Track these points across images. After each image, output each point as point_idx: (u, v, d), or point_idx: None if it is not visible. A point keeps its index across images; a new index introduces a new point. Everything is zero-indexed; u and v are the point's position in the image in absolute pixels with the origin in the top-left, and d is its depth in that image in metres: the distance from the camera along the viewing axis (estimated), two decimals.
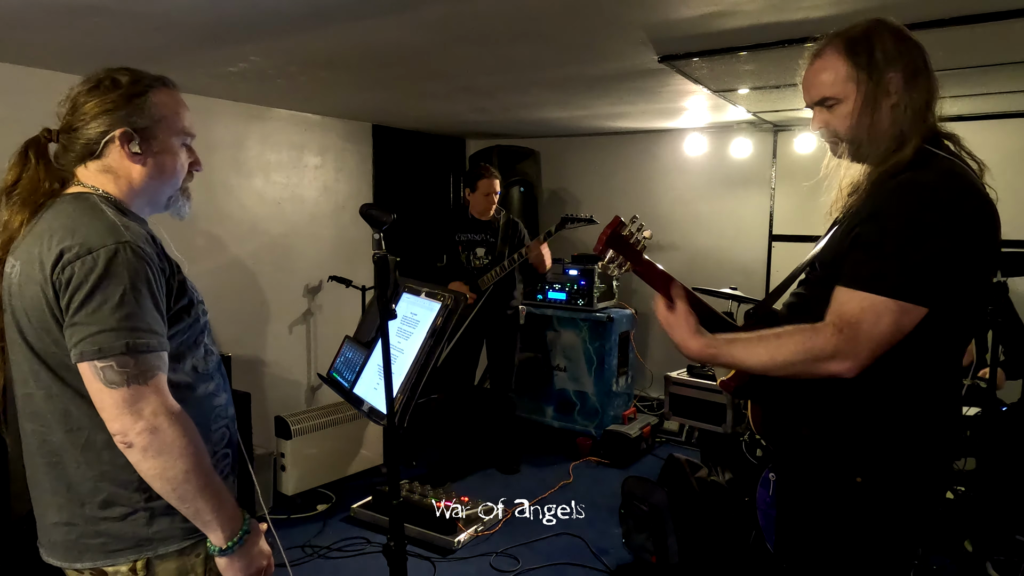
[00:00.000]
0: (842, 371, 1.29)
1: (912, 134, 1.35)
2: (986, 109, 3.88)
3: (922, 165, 1.32)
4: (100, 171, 1.31)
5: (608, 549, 3.37)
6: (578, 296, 4.76)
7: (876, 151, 1.38)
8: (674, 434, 4.93)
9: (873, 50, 1.35)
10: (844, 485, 1.40)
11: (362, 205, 1.62)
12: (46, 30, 2.42)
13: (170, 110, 1.35)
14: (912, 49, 1.37)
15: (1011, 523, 2.83)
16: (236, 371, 3.78)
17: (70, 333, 1.18)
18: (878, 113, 1.36)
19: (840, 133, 1.43)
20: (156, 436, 1.17)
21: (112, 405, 1.17)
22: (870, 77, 1.35)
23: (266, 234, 4.28)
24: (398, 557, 1.61)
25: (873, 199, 1.35)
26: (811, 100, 1.46)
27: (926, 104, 1.37)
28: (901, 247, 1.26)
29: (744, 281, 4.70)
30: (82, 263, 1.16)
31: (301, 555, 3.34)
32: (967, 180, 1.32)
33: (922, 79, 1.36)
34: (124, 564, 1.29)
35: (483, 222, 4.18)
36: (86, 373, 1.18)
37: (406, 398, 1.68)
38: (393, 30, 2.41)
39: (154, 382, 1.20)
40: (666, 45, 2.61)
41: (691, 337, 1.43)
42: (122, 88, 1.30)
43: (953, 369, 1.42)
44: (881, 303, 1.26)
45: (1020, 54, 2.64)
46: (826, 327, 1.30)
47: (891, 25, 1.39)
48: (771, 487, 2.80)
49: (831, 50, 1.40)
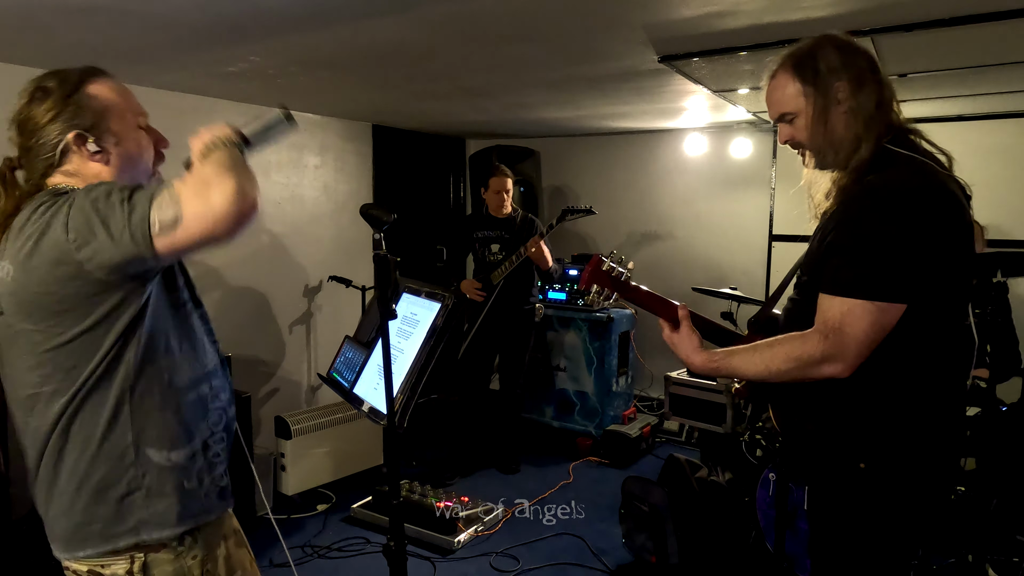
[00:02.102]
0: (835, 373, 1.38)
1: (868, 135, 1.44)
2: (986, 109, 3.88)
3: (885, 166, 1.41)
4: (66, 176, 1.31)
5: (608, 549, 3.37)
6: (578, 296, 4.76)
7: (837, 156, 1.49)
8: (674, 434, 4.94)
9: (818, 65, 1.47)
10: (849, 472, 1.46)
11: (362, 205, 1.63)
12: (46, 30, 2.42)
13: (110, 99, 1.33)
14: (856, 58, 1.47)
15: (1011, 523, 2.83)
16: (236, 371, 3.78)
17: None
18: (831, 121, 1.47)
19: (803, 143, 1.54)
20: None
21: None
22: (817, 90, 1.47)
23: (266, 234, 4.28)
24: (398, 557, 1.61)
25: (843, 205, 1.44)
26: (773, 117, 1.59)
27: (876, 105, 1.45)
28: (871, 250, 1.35)
29: (744, 281, 4.70)
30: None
31: (301, 555, 3.34)
32: (928, 176, 1.39)
33: (869, 83, 1.46)
34: (122, 555, 1.30)
35: (500, 219, 4.23)
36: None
37: (406, 398, 1.68)
38: (393, 30, 2.41)
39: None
40: (666, 45, 2.61)
41: (694, 354, 1.56)
42: (53, 93, 1.29)
43: (946, 356, 1.46)
44: (859, 306, 1.34)
45: (1020, 54, 2.64)
46: (813, 334, 1.39)
47: (835, 39, 1.50)
48: (771, 487, 2.81)
49: (781, 70, 1.53)
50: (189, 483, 1.35)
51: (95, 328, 1.23)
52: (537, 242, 3.96)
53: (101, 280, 1.19)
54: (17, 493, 2.81)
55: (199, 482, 1.37)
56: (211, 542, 1.41)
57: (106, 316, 1.23)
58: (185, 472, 1.35)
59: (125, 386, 1.28)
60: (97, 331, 1.23)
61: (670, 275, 5.25)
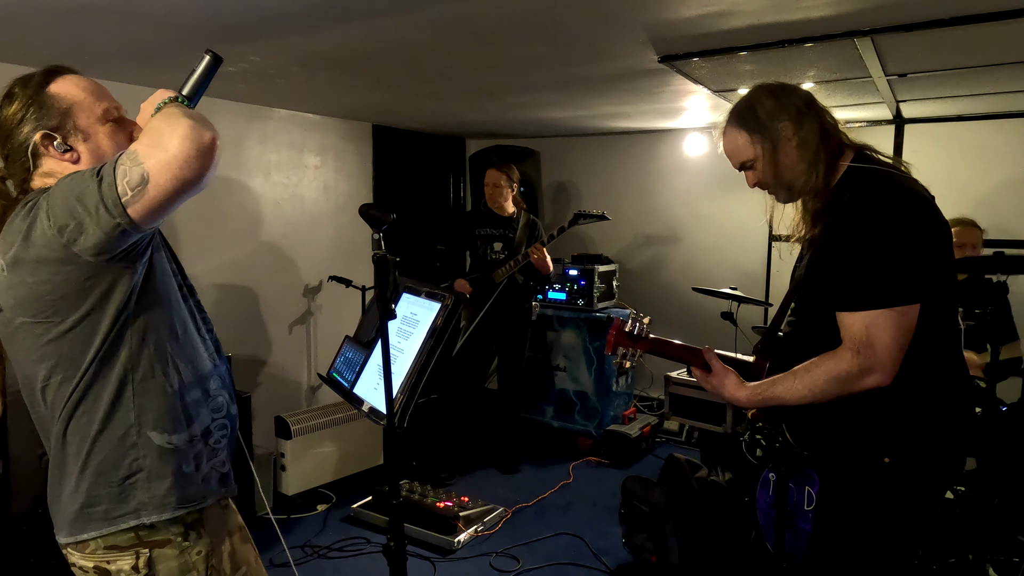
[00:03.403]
0: (877, 383, 1.45)
1: (820, 160, 1.59)
2: (986, 109, 3.88)
3: (860, 184, 1.53)
4: (43, 178, 1.34)
5: (608, 549, 3.37)
6: (578, 296, 4.76)
7: (800, 184, 1.63)
8: (674, 434, 4.94)
9: (757, 112, 1.64)
10: (873, 467, 1.53)
11: (362, 205, 1.63)
12: (45, 29, 2.42)
13: (75, 95, 1.34)
14: (791, 97, 1.64)
15: (1011, 523, 2.83)
16: (236, 371, 3.78)
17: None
18: (787, 156, 1.62)
19: (769, 183, 1.69)
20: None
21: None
22: (763, 134, 1.63)
23: (266, 234, 4.28)
24: (398, 557, 1.61)
25: (829, 228, 1.54)
26: (736, 167, 1.74)
27: (821, 134, 1.60)
28: (875, 260, 1.44)
29: (744, 281, 4.70)
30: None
31: (301, 555, 3.34)
32: (902, 185, 1.51)
33: (807, 116, 1.61)
34: (127, 550, 1.33)
35: (502, 218, 4.22)
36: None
37: (406, 398, 1.68)
38: (393, 30, 2.41)
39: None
40: (666, 45, 2.61)
41: (737, 390, 1.62)
42: (18, 98, 1.31)
43: (949, 347, 1.56)
44: (880, 315, 1.43)
45: (1020, 54, 2.64)
46: (844, 351, 1.47)
47: (767, 87, 1.67)
48: (771, 487, 2.80)
49: (728, 126, 1.71)
50: (187, 467, 1.38)
51: (91, 313, 1.25)
52: (540, 249, 3.96)
53: (90, 263, 1.20)
54: (17, 491, 2.81)
55: (198, 466, 1.40)
56: (216, 537, 1.42)
57: (100, 300, 1.25)
58: (185, 456, 1.37)
59: (127, 367, 1.31)
60: (93, 316, 1.26)
61: (670, 275, 5.25)
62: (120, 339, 1.29)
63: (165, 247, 1.43)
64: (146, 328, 1.32)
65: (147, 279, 1.32)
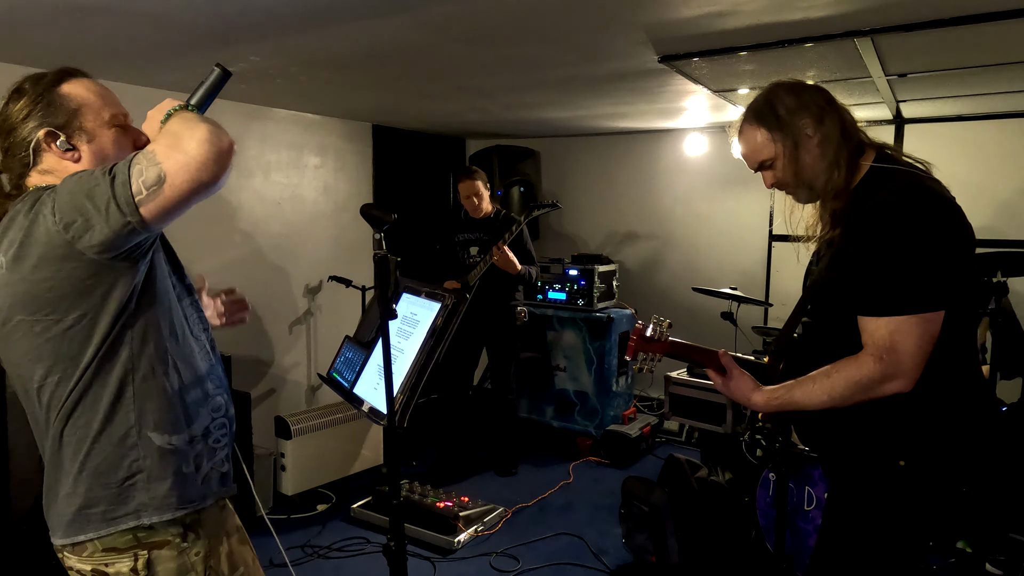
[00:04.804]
0: (899, 389, 1.42)
1: (841, 159, 1.55)
2: (986, 109, 3.88)
3: (883, 186, 1.48)
4: (42, 174, 1.34)
5: (608, 549, 3.37)
6: (578, 296, 4.76)
7: (821, 183, 1.58)
8: (674, 434, 4.94)
9: (777, 110, 1.59)
10: (888, 470, 1.51)
11: (363, 205, 1.63)
12: (45, 29, 2.42)
13: (84, 98, 1.35)
14: (810, 94, 1.59)
15: (1010, 522, 2.83)
16: (236, 371, 3.78)
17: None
18: (808, 154, 1.57)
19: (789, 183, 1.63)
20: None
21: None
22: (783, 132, 1.58)
23: (266, 234, 4.27)
24: (398, 557, 1.61)
25: (851, 229, 1.50)
26: (753, 168, 1.68)
27: (841, 131, 1.56)
28: (901, 265, 1.40)
29: (744, 281, 4.70)
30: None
31: (301, 555, 3.34)
32: (926, 187, 1.46)
33: (829, 113, 1.57)
34: (125, 553, 1.32)
35: (478, 221, 4.20)
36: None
37: (406, 398, 1.68)
38: (393, 30, 2.41)
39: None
40: (666, 45, 2.61)
41: (754, 394, 1.59)
42: (27, 94, 1.32)
43: (968, 350, 1.53)
44: (905, 322, 1.40)
45: (1020, 54, 2.64)
46: (867, 357, 1.43)
47: (785, 84, 1.63)
48: (771, 487, 2.81)
49: (745, 124, 1.65)
50: (187, 467, 1.38)
51: (91, 312, 1.25)
52: (499, 250, 3.83)
53: (93, 261, 1.20)
54: (17, 493, 2.81)
55: (198, 467, 1.40)
56: (214, 538, 1.42)
57: (101, 299, 1.25)
58: (185, 456, 1.37)
59: (128, 368, 1.31)
60: (93, 315, 1.25)
61: (670, 275, 5.25)
62: (120, 339, 1.29)
63: (165, 247, 1.43)
64: (146, 328, 1.32)
65: (148, 279, 1.32)
